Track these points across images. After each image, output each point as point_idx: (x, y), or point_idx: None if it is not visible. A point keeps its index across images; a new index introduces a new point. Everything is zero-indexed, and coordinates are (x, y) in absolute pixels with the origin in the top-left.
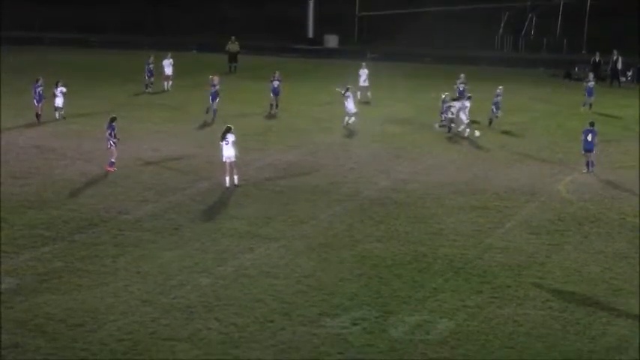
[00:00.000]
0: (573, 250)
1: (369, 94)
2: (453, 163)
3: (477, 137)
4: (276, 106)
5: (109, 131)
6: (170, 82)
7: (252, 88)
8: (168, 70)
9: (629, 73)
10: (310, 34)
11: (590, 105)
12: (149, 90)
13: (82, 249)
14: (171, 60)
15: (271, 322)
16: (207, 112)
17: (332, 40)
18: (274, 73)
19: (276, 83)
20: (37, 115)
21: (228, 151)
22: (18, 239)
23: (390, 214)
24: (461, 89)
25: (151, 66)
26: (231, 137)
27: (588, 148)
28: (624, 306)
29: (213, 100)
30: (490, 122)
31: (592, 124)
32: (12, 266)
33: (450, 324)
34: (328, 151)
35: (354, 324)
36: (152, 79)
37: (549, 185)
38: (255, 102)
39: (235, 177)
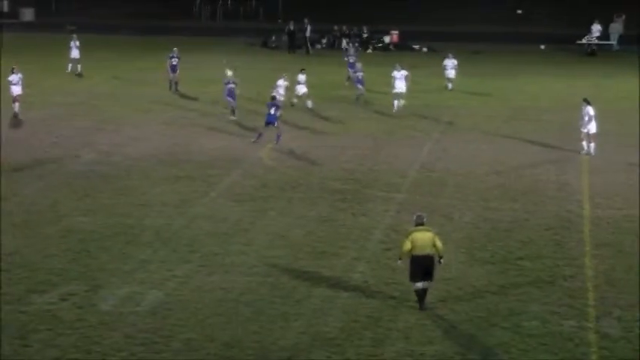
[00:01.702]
0: (277, 216)
1: (79, 66)
2: (156, 134)
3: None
4: None
5: None
6: None
7: None
8: None
9: (324, 41)
10: (5, 8)
11: (349, 78)
12: None
13: None
14: None
15: None
16: None
17: (28, 14)
18: None
19: None
20: None
21: None
22: None
23: (95, 187)
24: (174, 63)
25: None
26: None
27: (270, 121)
28: (327, 268)
29: None
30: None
31: (273, 98)
32: None
33: (159, 294)
34: (30, 126)
35: (63, 299)
36: None
37: (251, 153)
38: None
39: None
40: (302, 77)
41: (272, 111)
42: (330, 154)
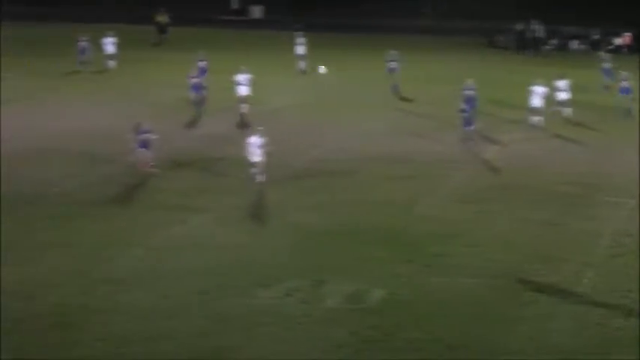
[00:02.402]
0: (502, 218)
1: (304, 63)
2: (379, 134)
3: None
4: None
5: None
6: (113, 62)
7: (178, 60)
8: (111, 49)
9: (554, 42)
10: (235, 5)
11: (608, 87)
12: (81, 68)
13: (14, 223)
14: (113, 39)
15: (205, 293)
16: (198, 109)
17: (257, 11)
18: (198, 52)
19: (202, 63)
20: None
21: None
22: None
23: (321, 184)
24: (392, 66)
25: (83, 44)
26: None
27: (470, 122)
28: (553, 273)
29: (197, 92)
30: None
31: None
32: None
33: (383, 292)
34: (258, 122)
35: (288, 294)
36: (85, 58)
37: (477, 154)
38: (181, 73)
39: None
40: (562, 84)
41: (467, 116)
42: (561, 157)
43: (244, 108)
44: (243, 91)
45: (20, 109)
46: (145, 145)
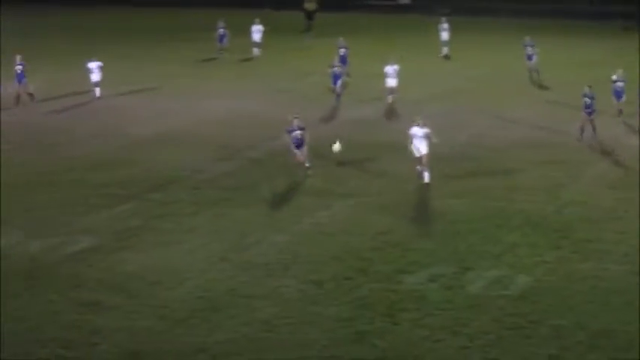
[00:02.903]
0: None
1: (447, 49)
2: (527, 118)
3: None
4: (347, 74)
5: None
6: (258, 50)
7: (322, 46)
8: (257, 37)
9: None
10: None
11: None
12: (220, 55)
13: (159, 207)
14: (260, 26)
15: (348, 278)
16: (338, 97)
17: None
18: (339, 39)
19: (342, 51)
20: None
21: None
22: (94, 198)
23: (466, 169)
24: (529, 53)
25: (221, 30)
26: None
27: (590, 111)
28: None
29: (335, 82)
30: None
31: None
32: (90, 225)
33: (528, 279)
34: (401, 107)
35: (432, 280)
36: (224, 45)
37: (625, 140)
38: (324, 60)
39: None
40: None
41: (589, 103)
42: None
43: (391, 98)
44: (392, 82)
45: (163, 95)
46: (298, 144)
